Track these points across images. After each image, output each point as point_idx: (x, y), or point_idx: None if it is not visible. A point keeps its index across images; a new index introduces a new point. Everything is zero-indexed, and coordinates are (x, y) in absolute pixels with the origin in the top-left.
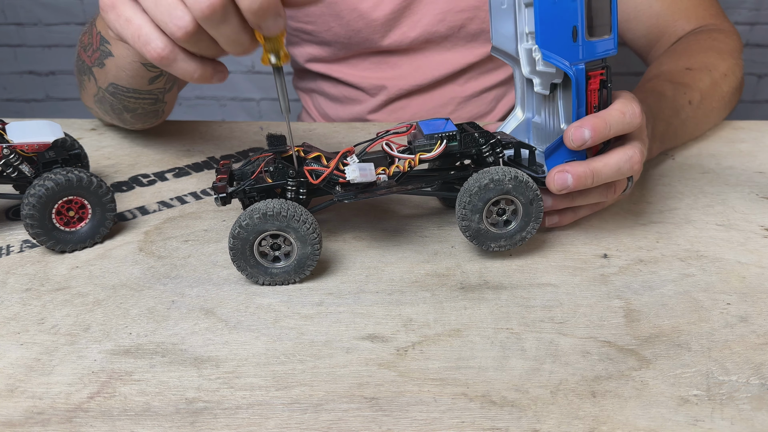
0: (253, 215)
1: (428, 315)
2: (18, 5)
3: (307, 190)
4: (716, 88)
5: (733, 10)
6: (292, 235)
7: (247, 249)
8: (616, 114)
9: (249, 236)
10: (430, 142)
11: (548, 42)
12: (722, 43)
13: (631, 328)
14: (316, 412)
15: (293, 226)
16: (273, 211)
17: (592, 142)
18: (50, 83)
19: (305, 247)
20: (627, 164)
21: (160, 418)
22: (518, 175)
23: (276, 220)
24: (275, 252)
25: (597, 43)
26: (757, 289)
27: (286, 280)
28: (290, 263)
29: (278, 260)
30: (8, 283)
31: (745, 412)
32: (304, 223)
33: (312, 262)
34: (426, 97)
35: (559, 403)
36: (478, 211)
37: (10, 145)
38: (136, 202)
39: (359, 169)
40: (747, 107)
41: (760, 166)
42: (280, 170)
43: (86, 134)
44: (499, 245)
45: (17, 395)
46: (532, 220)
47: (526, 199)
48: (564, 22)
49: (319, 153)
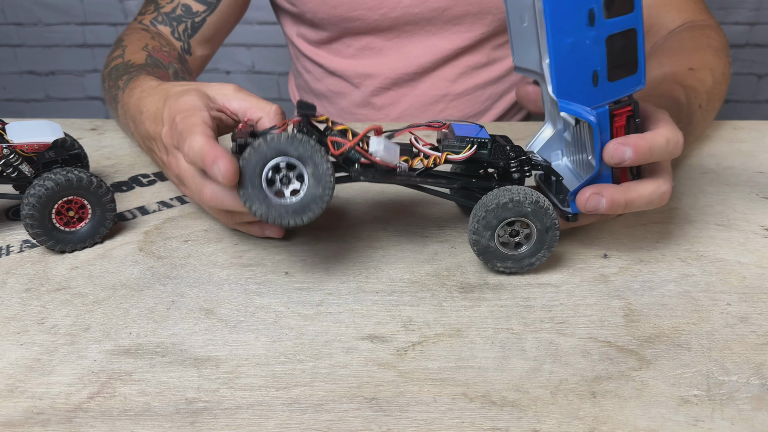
0: (282, 135)
1: (428, 315)
2: (18, 5)
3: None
4: (717, 88)
5: (733, 10)
6: (309, 168)
7: (259, 167)
8: (662, 141)
9: (268, 153)
10: (461, 144)
11: (566, 91)
12: (716, 41)
13: (631, 328)
14: (316, 412)
15: (315, 160)
16: (302, 138)
17: (631, 164)
18: (50, 83)
19: (317, 186)
20: (658, 199)
21: (160, 418)
22: (539, 199)
23: (301, 146)
24: (282, 185)
25: (621, 81)
26: (757, 289)
27: (279, 218)
28: (294, 200)
29: (282, 195)
30: (8, 283)
31: (745, 413)
32: (326, 162)
33: (316, 208)
34: (415, 90)
35: (559, 404)
36: (491, 228)
37: (10, 145)
38: (136, 202)
39: (384, 144)
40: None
41: (760, 166)
42: (304, 134)
43: (86, 134)
44: (506, 266)
45: (17, 395)
46: (544, 248)
47: (543, 225)
48: (583, 69)
49: (346, 127)
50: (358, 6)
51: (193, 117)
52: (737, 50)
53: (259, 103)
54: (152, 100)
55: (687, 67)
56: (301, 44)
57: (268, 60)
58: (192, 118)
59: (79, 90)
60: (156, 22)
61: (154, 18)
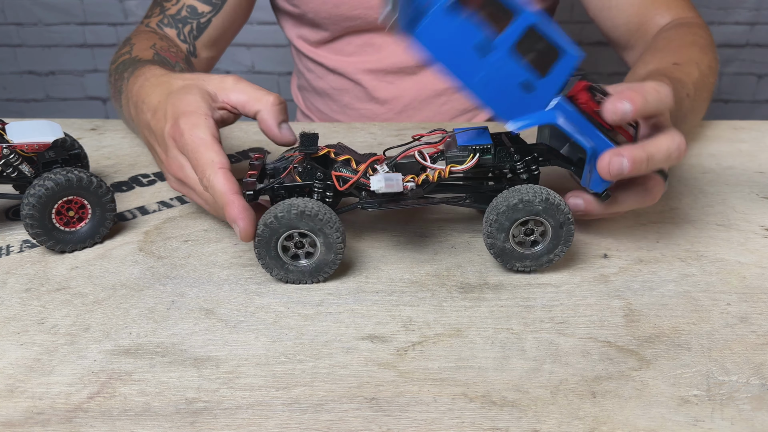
0: (291, 210)
1: (428, 315)
2: (18, 5)
3: (333, 193)
4: (705, 80)
5: (733, 10)
6: (321, 238)
7: (273, 240)
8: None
9: (280, 228)
10: (463, 154)
11: (513, 112)
12: (702, 38)
13: (631, 328)
14: (316, 413)
15: (325, 231)
16: (312, 211)
17: (629, 174)
18: (50, 83)
19: (329, 253)
20: (676, 150)
21: (159, 418)
22: (549, 196)
23: (311, 221)
24: (297, 250)
25: (555, 68)
26: (757, 289)
27: (299, 280)
28: (309, 265)
29: (297, 258)
30: (8, 283)
31: (745, 413)
32: (336, 231)
33: (329, 269)
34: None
35: (559, 404)
36: (504, 230)
37: (10, 145)
38: (136, 202)
39: (385, 179)
40: (747, 107)
41: (760, 166)
42: (309, 171)
43: (86, 134)
44: (524, 265)
45: (17, 395)
46: (561, 243)
47: (557, 222)
48: (510, 87)
49: (349, 156)
50: (358, 5)
51: (199, 129)
52: (737, 50)
53: (257, 94)
54: (155, 91)
55: (672, 62)
56: (302, 45)
57: (268, 60)
58: (198, 130)
59: (79, 90)
60: (162, 24)
61: (160, 21)
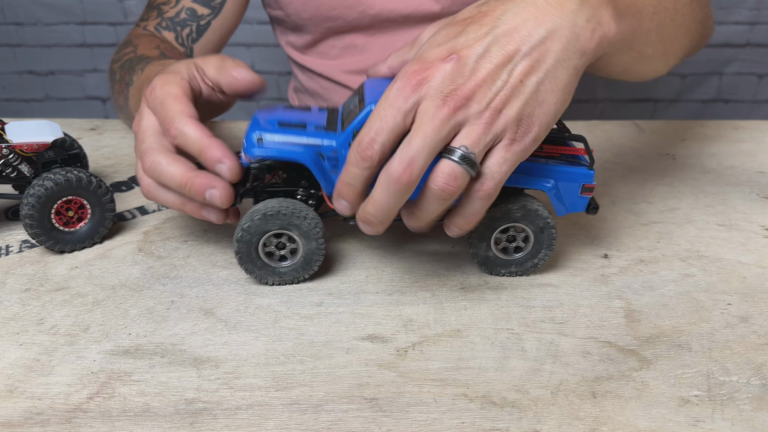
0: (254, 217)
1: (428, 315)
2: (18, 5)
3: (315, 201)
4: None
5: (733, 10)
6: (295, 232)
7: (253, 251)
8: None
9: (252, 238)
10: None
11: None
12: None
13: (632, 329)
14: (316, 413)
15: (295, 223)
16: (273, 210)
17: (353, 209)
18: (49, 83)
19: (309, 242)
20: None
21: (159, 418)
22: (527, 203)
23: (277, 219)
24: (281, 251)
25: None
26: (758, 290)
27: (295, 278)
28: (297, 260)
29: (285, 259)
30: (7, 283)
31: (745, 413)
32: (305, 219)
33: (318, 257)
34: None
35: (560, 404)
36: (485, 239)
37: (9, 145)
38: (135, 202)
39: None
40: (747, 107)
41: (761, 165)
42: (293, 178)
43: (86, 134)
44: (510, 271)
45: (16, 395)
46: (544, 248)
47: (537, 227)
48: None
49: None
50: (337, 5)
51: (170, 85)
52: (737, 50)
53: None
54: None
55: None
56: (291, 52)
57: (268, 60)
58: (169, 86)
59: (78, 90)
60: (160, 27)
61: (158, 24)
